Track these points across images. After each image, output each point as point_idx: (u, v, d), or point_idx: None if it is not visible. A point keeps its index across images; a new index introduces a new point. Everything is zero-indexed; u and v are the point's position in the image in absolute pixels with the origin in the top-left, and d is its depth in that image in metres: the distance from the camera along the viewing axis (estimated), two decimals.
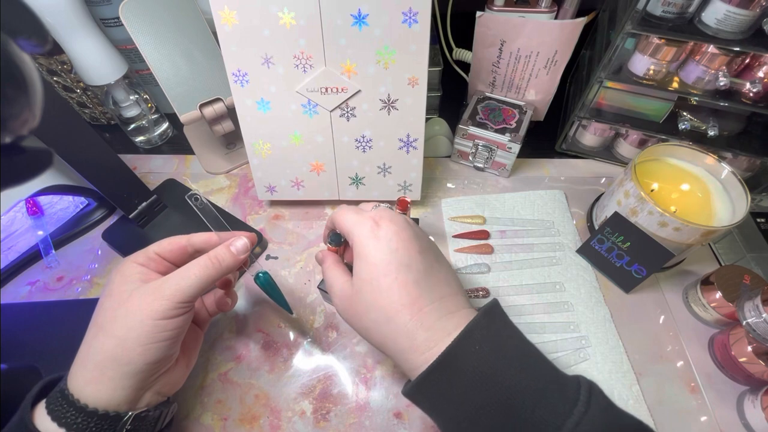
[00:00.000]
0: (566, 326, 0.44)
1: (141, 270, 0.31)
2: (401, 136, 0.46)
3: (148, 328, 0.28)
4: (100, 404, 0.27)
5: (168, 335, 0.29)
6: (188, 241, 0.34)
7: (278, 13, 0.39)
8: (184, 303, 0.29)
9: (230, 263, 0.32)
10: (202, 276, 0.30)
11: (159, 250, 0.33)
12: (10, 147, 0.20)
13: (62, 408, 0.27)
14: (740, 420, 0.39)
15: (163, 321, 0.29)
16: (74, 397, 0.27)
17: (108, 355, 0.28)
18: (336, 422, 0.38)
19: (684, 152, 0.47)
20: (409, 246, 0.30)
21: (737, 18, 0.41)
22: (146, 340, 0.28)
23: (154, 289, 0.29)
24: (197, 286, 0.30)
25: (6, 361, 0.37)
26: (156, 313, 0.28)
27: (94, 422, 0.27)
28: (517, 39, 0.50)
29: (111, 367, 0.28)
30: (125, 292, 0.29)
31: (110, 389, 0.28)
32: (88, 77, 0.50)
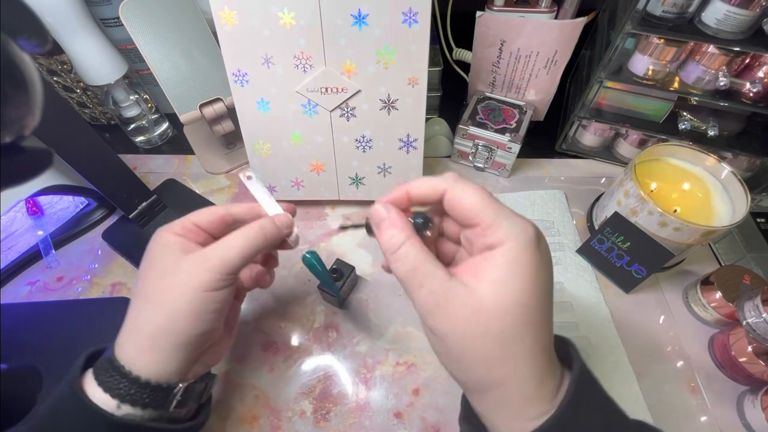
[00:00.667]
0: (566, 326, 0.44)
1: (179, 240, 0.30)
2: (401, 136, 0.46)
3: (197, 300, 0.28)
4: (152, 375, 0.27)
5: (216, 307, 0.29)
6: (227, 210, 0.33)
7: (278, 13, 0.39)
8: (230, 275, 0.29)
9: (275, 235, 0.32)
10: (248, 246, 0.30)
11: (197, 220, 0.31)
12: (10, 147, 0.20)
13: (114, 379, 0.27)
14: (740, 420, 0.39)
15: (210, 293, 0.28)
16: (126, 369, 0.27)
17: (159, 327, 0.27)
18: (336, 422, 0.38)
19: (684, 152, 0.47)
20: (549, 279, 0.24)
21: (737, 18, 0.41)
22: (196, 312, 0.28)
23: (199, 261, 0.28)
24: (243, 256, 0.29)
25: (6, 361, 0.37)
26: (203, 284, 0.28)
27: (147, 393, 0.27)
28: (517, 39, 0.50)
29: (163, 338, 0.27)
30: (169, 263, 0.29)
31: (163, 361, 0.28)
32: (88, 77, 0.50)
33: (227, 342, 0.34)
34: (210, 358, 0.32)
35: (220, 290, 0.29)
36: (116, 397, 0.26)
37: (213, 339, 0.31)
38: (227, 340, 0.34)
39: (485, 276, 0.23)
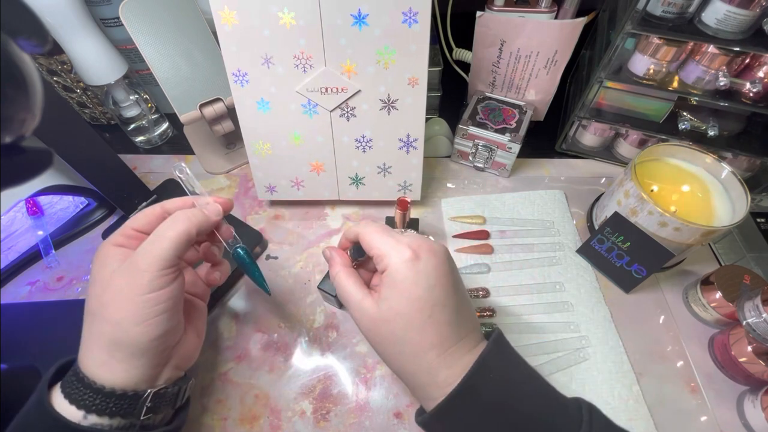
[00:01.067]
0: (566, 326, 0.44)
1: (119, 251, 0.29)
2: (401, 136, 0.46)
3: (138, 306, 0.27)
4: (117, 385, 0.27)
5: (162, 308, 0.28)
6: (163, 208, 0.32)
7: (278, 13, 0.39)
8: (164, 270, 0.28)
9: (202, 220, 0.31)
10: (174, 236, 0.28)
11: (135, 224, 0.31)
12: (10, 147, 0.20)
13: (79, 390, 0.27)
14: (740, 420, 0.39)
15: (150, 295, 0.27)
16: (90, 379, 0.27)
17: (109, 339, 0.27)
18: (336, 422, 0.38)
19: (684, 152, 0.47)
20: (446, 282, 0.30)
21: (737, 18, 0.41)
22: (141, 318, 0.27)
23: (130, 265, 0.28)
24: (172, 247, 0.28)
25: (6, 361, 0.37)
26: (140, 288, 0.27)
27: (112, 402, 0.27)
28: (517, 39, 0.50)
29: (117, 350, 0.27)
30: (105, 275, 0.28)
31: (123, 370, 0.28)
32: (88, 77, 0.50)
33: (196, 343, 0.34)
34: (180, 361, 0.31)
35: (161, 290, 0.28)
36: (82, 407, 0.26)
37: (173, 341, 0.30)
38: (195, 341, 0.33)
39: (382, 295, 0.30)
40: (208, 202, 0.33)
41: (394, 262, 0.29)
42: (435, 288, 0.29)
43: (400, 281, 0.29)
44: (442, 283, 0.29)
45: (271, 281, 0.46)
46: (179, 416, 0.32)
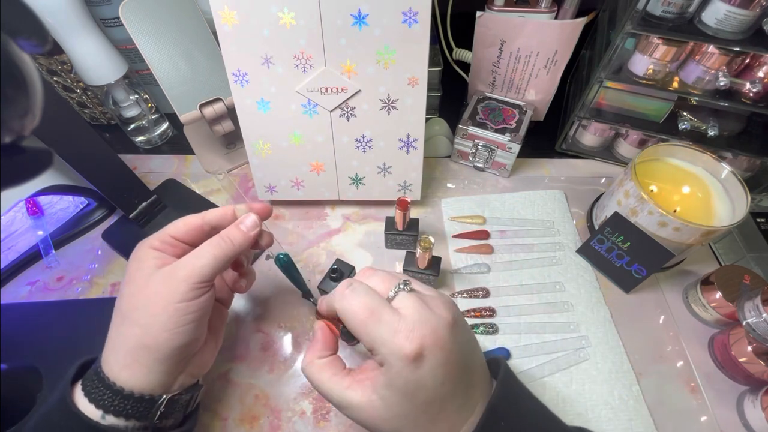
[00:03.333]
0: (566, 326, 0.44)
1: (156, 254, 0.30)
2: (401, 136, 0.46)
3: (170, 313, 0.28)
4: (135, 388, 0.28)
5: (191, 318, 0.29)
6: (203, 219, 0.33)
7: (278, 13, 0.39)
8: (200, 283, 0.29)
9: (241, 241, 0.32)
10: (216, 255, 0.30)
11: (174, 232, 0.32)
12: (10, 147, 0.20)
13: (99, 390, 0.27)
14: (740, 420, 0.39)
15: (183, 304, 0.28)
16: (110, 381, 0.28)
17: (137, 343, 0.28)
18: (336, 422, 0.38)
19: (684, 152, 0.47)
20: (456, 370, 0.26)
21: (737, 18, 0.41)
22: (171, 326, 0.28)
23: (170, 273, 0.29)
24: (211, 265, 0.30)
25: (6, 361, 0.37)
26: (175, 296, 0.28)
27: (130, 404, 0.27)
28: (517, 39, 0.50)
29: (142, 354, 0.28)
30: (142, 278, 0.29)
31: (144, 374, 0.28)
32: (88, 77, 0.50)
33: (213, 352, 0.34)
34: (195, 368, 0.32)
35: (193, 300, 0.29)
36: (101, 407, 0.27)
37: (195, 349, 0.31)
38: (213, 349, 0.34)
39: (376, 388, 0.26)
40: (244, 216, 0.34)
41: (392, 365, 0.25)
42: (444, 384, 0.26)
43: (401, 385, 0.25)
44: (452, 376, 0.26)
45: (271, 281, 0.46)
46: (190, 419, 0.32)
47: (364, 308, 0.26)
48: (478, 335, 0.43)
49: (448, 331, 0.26)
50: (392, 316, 0.26)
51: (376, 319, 0.26)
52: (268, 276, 0.47)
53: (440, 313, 0.27)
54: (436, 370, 0.25)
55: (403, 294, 0.28)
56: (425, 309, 0.26)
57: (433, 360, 0.25)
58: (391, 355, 0.25)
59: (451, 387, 0.26)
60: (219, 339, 0.36)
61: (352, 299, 0.27)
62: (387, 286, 0.28)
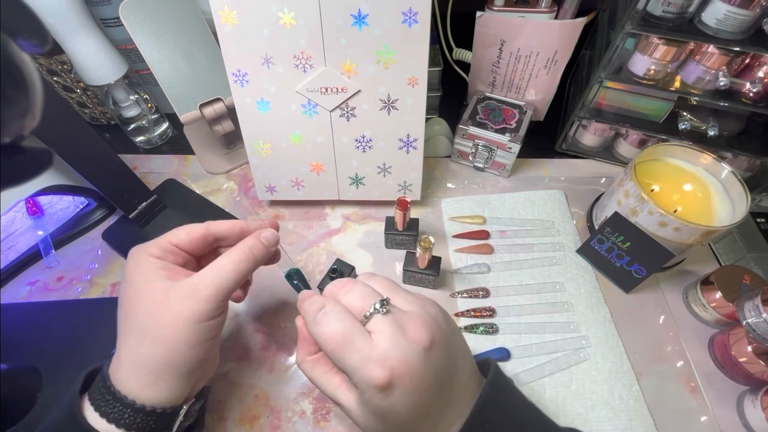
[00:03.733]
0: (566, 326, 0.44)
1: (160, 264, 0.29)
2: (401, 136, 0.46)
3: (196, 332, 0.28)
4: (158, 404, 0.27)
5: (214, 333, 0.29)
6: (208, 229, 0.32)
7: (278, 13, 0.39)
8: (224, 302, 0.29)
9: (263, 255, 0.32)
10: (239, 270, 0.29)
11: (176, 240, 0.31)
12: (10, 147, 0.20)
13: (117, 409, 0.26)
14: (740, 420, 0.39)
15: (209, 322, 0.28)
16: (129, 399, 0.27)
17: (161, 361, 0.27)
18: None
19: (684, 152, 0.47)
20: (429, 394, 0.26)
21: (737, 18, 0.41)
22: (196, 343, 0.28)
23: (192, 291, 0.28)
24: (235, 280, 0.29)
25: (6, 361, 0.37)
26: (200, 316, 0.28)
27: (153, 419, 0.27)
28: (517, 39, 0.50)
29: (166, 372, 0.27)
30: (157, 293, 0.28)
31: (168, 389, 0.28)
32: (88, 77, 0.50)
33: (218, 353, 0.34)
34: (207, 372, 0.32)
35: (217, 318, 0.29)
36: (122, 426, 0.26)
37: (211, 359, 0.31)
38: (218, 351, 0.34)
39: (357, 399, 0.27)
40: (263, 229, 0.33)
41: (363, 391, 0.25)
42: (417, 408, 0.26)
43: (373, 409, 0.26)
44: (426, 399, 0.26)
45: (271, 281, 0.46)
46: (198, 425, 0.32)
47: (336, 334, 0.26)
48: (478, 335, 0.43)
49: (421, 358, 0.26)
50: (364, 344, 0.26)
51: (348, 346, 0.26)
52: (268, 276, 0.47)
53: (415, 338, 0.26)
54: (406, 397, 0.25)
55: (378, 318, 0.27)
56: (398, 335, 0.26)
57: (403, 388, 0.25)
58: (362, 383, 0.25)
59: (425, 410, 0.26)
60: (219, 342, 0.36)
61: (324, 325, 0.27)
62: (363, 305, 0.28)
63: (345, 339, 0.26)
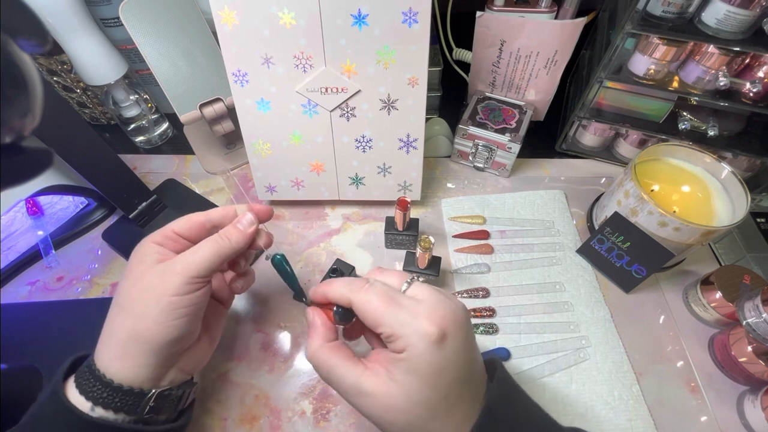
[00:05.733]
0: (566, 326, 0.44)
1: (158, 249, 0.31)
2: (401, 136, 0.46)
3: (163, 305, 0.28)
4: (125, 381, 0.28)
5: (184, 312, 0.29)
6: (206, 217, 0.33)
7: (278, 13, 0.39)
8: (196, 278, 0.29)
9: (239, 239, 0.32)
10: (213, 250, 0.30)
11: (177, 228, 0.32)
12: (10, 147, 0.20)
13: (90, 382, 0.28)
14: (740, 420, 0.39)
15: (177, 297, 0.29)
16: (100, 373, 0.28)
17: (129, 333, 0.28)
18: (336, 422, 0.38)
19: (684, 152, 0.47)
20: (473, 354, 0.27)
21: (737, 18, 0.41)
22: (164, 318, 0.28)
23: (166, 266, 0.29)
24: (208, 260, 0.30)
25: (6, 361, 0.37)
26: (169, 288, 0.28)
27: (119, 397, 0.27)
28: (517, 39, 0.50)
29: (132, 345, 0.28)
30: (141, 271, 0.29)
31: (134, 366, 0.28)
32: (88, 77, 0.50)
33: (207, 350, 0.34)
34: (187, 364, 0.32)
35: (187, 295, 0.29)
36: (90, 399, 0.27)
37: (186, 344, 0.31)
38: (207, 347, 0.34)
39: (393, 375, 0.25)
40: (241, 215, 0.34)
41: (416, 346, 0.25)
42: (463, 367, 0.26)
43: (424, 369, 0.25)
44: (468, 359, 0.26)
45: (271, 281, 0.46)
46: (185, 414, 0.32)
47: (383, 295, 0.27)
48: (478, 335, 0.43)
49: (465, 314, 0.27)
50: (410, 301, 0.26)
51: (396, 304, 0.26)
52: (268, 276, 0.47)
53: (454, 299, 0.28)
54: (458, 351, 0.25)
55: (417, 284, 0.28)
56: (441, 294, 0.27)
57: (456, 340, 0.25)
58: (414, 336, 0.25)
59: (469, 372, 0.26)
60: (215, 338, 0.36)
61: (369, 290, 0.27)
62: (399, 281, 0.29)
63: (392, 298, 0.26)
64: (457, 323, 0.26)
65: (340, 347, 0.29)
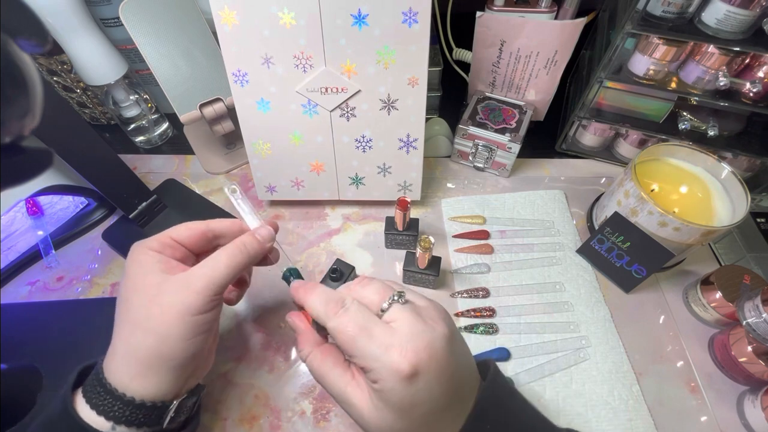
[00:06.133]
0: (566, 326, 0.44)
1: (158, 257, 0.29)
2: (401, 136, 0.46)
3: (187, 324, 0.28)
4: (147, 397, 0.27)
5: (206, 328, 0.29)
6: (208, 226, 0.32)
7: (278, 13, 0.39)
8: (217, 295, 0.29)
9: (257, 251, 0.32)
10: (232, 265, 0.30)
11: (176, 236, 0.31)
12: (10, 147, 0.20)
13: (107, 402, 0.27)
14: (740, 420, 0.39)
15: (200, 316, 0.28)
16: (119, 392, 0.27)
17: (152, 353, 0.27)
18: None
19: (684, 152, 0.47)
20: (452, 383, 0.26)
21: (737, 18, 0.41)
22: (187, 336, 0.28)
23: (185, 283, 0.28)
24: (228, 275, 0.29)
25: (6, 361, 0.37)
26: (192, 309, 0.28)
27: (143, 413, 0.27)
28: (517, 39, 0.50)
29: (156, 363, 0.27)
30: (152, 286, 0.28)
31: (158, 383, 0.28)
32: (88, 77, 0.50)
33: (214, 349, 0.34)
34: (200, 370, 0.32)
35: (209, 312, 0.29)
36: (111, 419, 0.26)
37: (204, 355, 0.31)
38: (214, 347, 0.34)
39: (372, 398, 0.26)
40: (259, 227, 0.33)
41: (386, 381, 0.24)
42: (440, 398, 0.25)
43: (396, 402, 0.25)
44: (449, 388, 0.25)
45: (270, 281, 0.46)
46: (192, 422, 0.32)
47: (355, 325, 0.26)
48: (478, 335, 0.43)
49: (444, 344, 0.25)
50: (384, 331, 0.25)
51: (368, 335, 0.25)
52: (268, 276, 0.47)
53: (435, 326, 0.26)
54: (431, 386, 0.25)
55: (397, 306, 0.27)
56: (419, 322, 0.26)
57: (429, 375, 0.25)
58: (384, 371, 0.24)
59: (447, 400, 0.26)
60: (216, 339, 0.35)
61: (343, 317, 0.26)
62: (381, 297, 0.28)
63: (364, 327, 0.26)
64: (433, 357, 0.25)
65: (330, 352, 0.29)
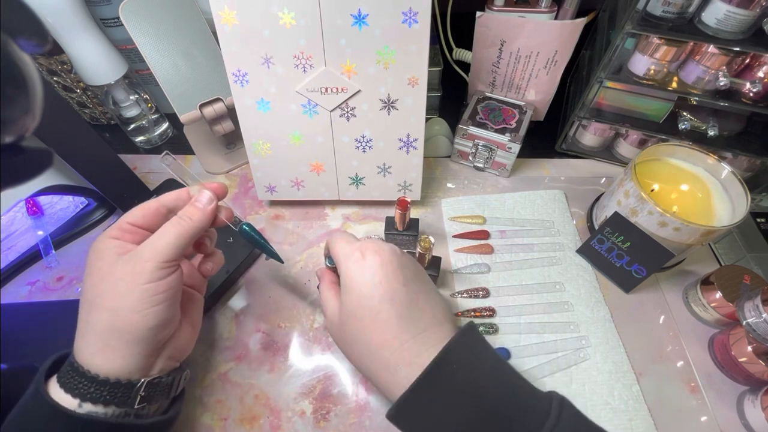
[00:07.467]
0: (566, 326, 0.44)
1: (116, 243, 0.30)
2: (401, 136, 0.46)
3: (137, 295, 0.28)
4: (111, 373, 0.28)
5: (161, 298, 0.29)
6: (159, 203, 0.33)
7: (278, 13, 0.39)
8: (165, 263, 0.29)
9: (201, 217, 0.32)
10: (178, 232, 0.30)
11: (131, 219, 0.31)
12: (10, 147, 0.20)
13: (74, 380, 0.27)
14: (740, 420, 0.39)
15: (150, 285, 0.28)
16: (84, 368, 0.28)
17: (106, 326, 0.28)
18: (336, 422, 0.38)
19: (684, 152, 0.47)
20: (392, 278, 0.31)
21: (737, 18, 0.41)
22: (140, 307, 0.28)
23: (133, 256, 0.29)
24: (174, 244, 0.30)
25: (6, 361, 0.37)
26: (140, 277, 0.28)
27: (107, 390, 0.27)
28: (517, 39, 0.50)
29: (113, 337, 0.28)
30: (105, 267, 0.29)
31: (119, 358, 0.28)
32: (88, 77, 0.50)
33: (191, 335, 0.34)
34: (174, 351, 0.32)
35: (161, 281, 0.29)
36: (77, 396, 0.27)
37: (169, 332, 0.31)
38: (190, 333, 0.34)
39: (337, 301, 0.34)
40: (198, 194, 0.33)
41: (344, 266, 0.32)
42: (381, 284, 0.31)
43: (349, 281, 0.32)
44: (388, 280, 0.31)
45: (270, 281, 0.46)
46: (174, 406, 0.32)
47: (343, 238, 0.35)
48: None
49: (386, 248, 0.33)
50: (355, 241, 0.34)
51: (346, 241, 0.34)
52: (268, 276, 0.47)
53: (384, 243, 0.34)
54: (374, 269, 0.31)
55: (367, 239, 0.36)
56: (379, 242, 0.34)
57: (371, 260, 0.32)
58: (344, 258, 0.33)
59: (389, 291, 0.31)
60: (196, 323, 0.35)
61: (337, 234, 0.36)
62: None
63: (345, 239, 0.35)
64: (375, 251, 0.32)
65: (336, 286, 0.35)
